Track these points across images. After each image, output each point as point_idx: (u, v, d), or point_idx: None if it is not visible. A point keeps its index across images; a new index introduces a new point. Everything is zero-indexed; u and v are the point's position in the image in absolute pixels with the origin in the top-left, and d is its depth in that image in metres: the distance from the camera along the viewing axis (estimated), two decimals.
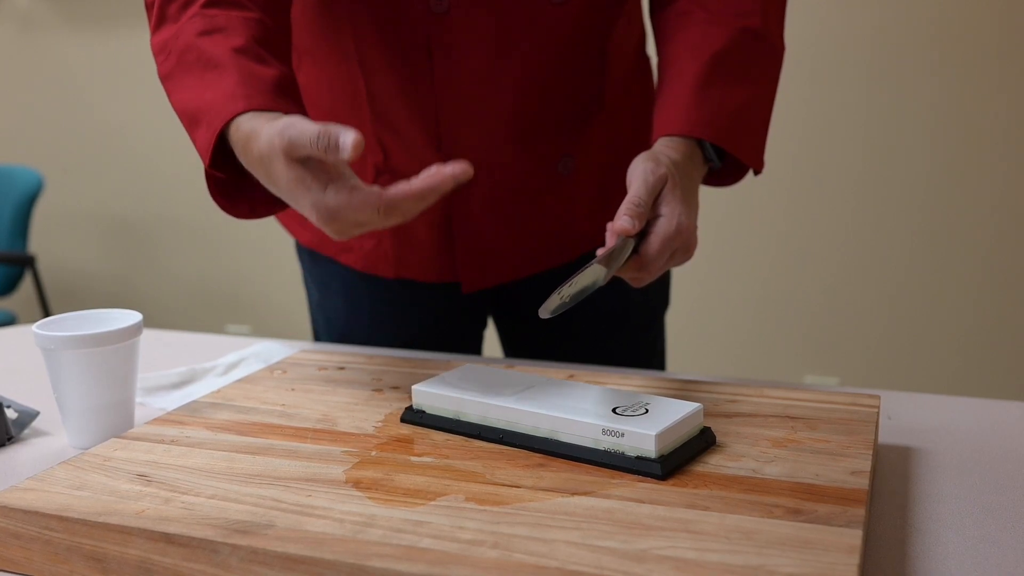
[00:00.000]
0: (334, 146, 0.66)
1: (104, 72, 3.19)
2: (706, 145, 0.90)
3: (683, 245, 0.83)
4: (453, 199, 1.01)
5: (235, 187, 0.83)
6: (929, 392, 0.92)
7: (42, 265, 3.06)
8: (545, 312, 0.73)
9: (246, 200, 0.84)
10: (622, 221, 0.78)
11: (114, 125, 3.23)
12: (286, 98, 0.79)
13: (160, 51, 0.84)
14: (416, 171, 1.03)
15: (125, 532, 0.58)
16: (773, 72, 0.95)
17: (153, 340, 1.10)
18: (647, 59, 1.10)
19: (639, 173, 0.82)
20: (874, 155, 2.53)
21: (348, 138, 0.65)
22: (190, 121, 0.80)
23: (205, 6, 0.83)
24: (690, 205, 0.84)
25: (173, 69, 0.82)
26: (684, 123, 0.89)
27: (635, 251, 0.80)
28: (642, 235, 0.80)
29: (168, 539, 0.57)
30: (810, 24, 2.48)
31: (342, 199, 0.70)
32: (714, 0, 0.93)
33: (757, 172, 0.95)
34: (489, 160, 1.00)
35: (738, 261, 2.68)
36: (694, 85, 0.89)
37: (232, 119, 0.75)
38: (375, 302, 1.10)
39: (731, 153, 0.91)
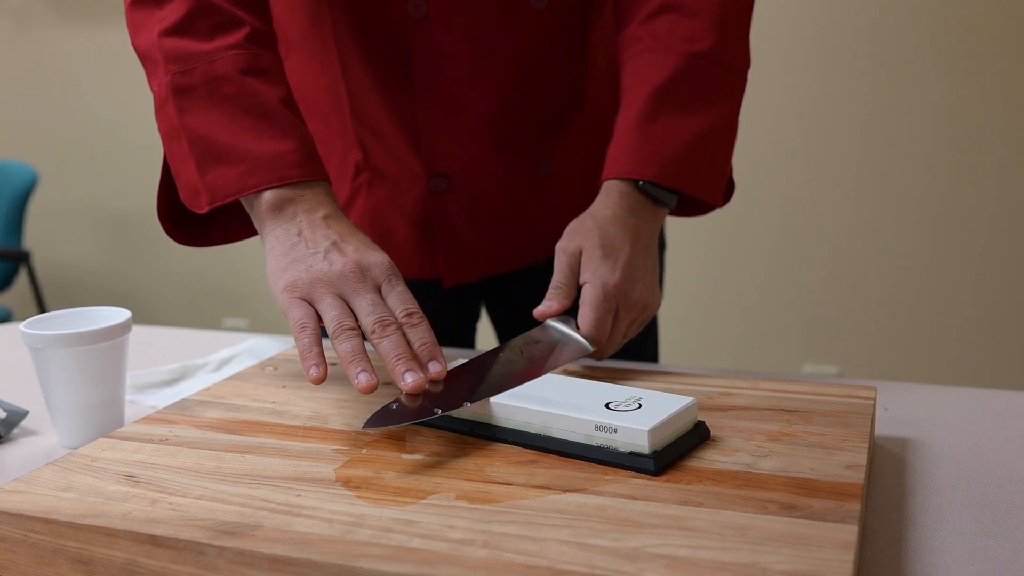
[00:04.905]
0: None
1: (99, 67, 3.18)
2: (653, 186, 0.86)
3: (625, 302, 0.83)
4: (431, 200, 1.00)
5: (191, 218, 0.87)
6: (929, 380, 0.92)
7: (37, 261, 3.05)
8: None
9: (188, 232, 0.88)
10: (540, 307, 0.83)
11: (109, 120, 3.22)
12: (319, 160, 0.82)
13: (174, 58, 0.81)
14: (396, 171, 1.03)
15: (111, 534, 0.57)
16: (731, 95, 0.90)
17: (145, 336, 1.10)
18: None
19: (556, 259, 0.85)
20: (873, 144, 2.52)
21: (362, 380, 0.69)
22: (211, 154, 0.79)
23: (249, 40, 0.82)
24: (618, 258, 0.83)
25: (197, 88, 0.80)
26: (624, 165, 0.86)
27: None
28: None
29: (155, 541, 0.56)
30: (807, 16, 2.47)
31: (373, 296, 0.73)
32: (662, 24, 0.89)
33: (719, 205, 0.91)
34: (468, 162, 0.99)
35: (737, 250, 2.67)
36: (636, 122, 0.86)
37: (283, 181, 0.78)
38: None
39: (682, 192, 0.87)
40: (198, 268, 3.26)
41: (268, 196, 0.78)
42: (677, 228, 1.01)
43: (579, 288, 0.85)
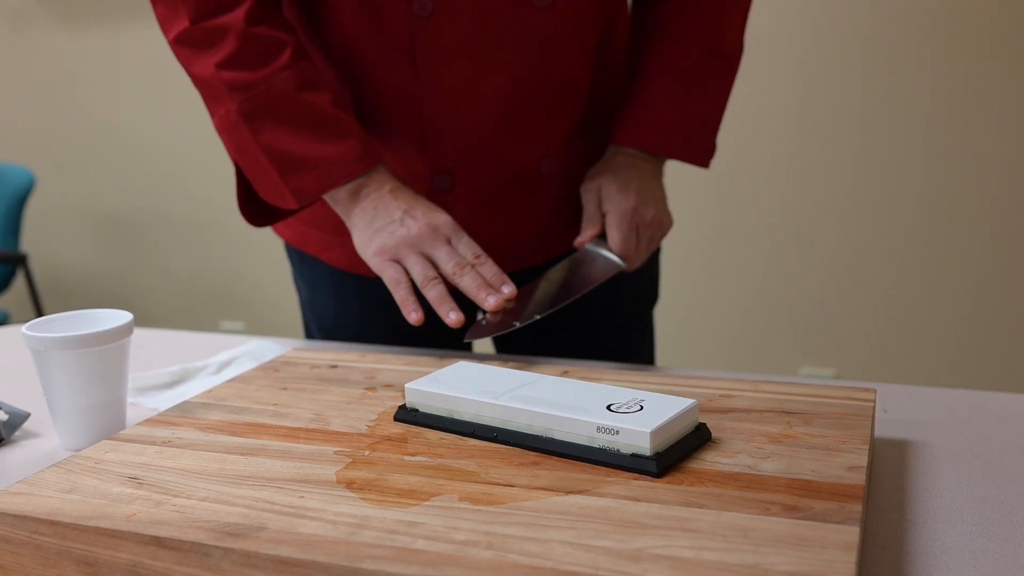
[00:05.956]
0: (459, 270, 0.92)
1: (96, 69, 3.18)
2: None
3: (643, 222, 0.99)
4: (435, 198, 1.01)
5: (270, 209, 1.02)
6: (926, 382, 0.92)
7: (35, 263, 3.04)
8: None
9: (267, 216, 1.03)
10: (579, 237, 1.00)
11: (106, 122, 3.22)
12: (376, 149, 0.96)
13: (237, 87, 0.92)
14: (401, 171, 1.06)
15: (116, 536, 0.57)
16: (728, 83, 1.06)
17: (145, 339, 1.10)
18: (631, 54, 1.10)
19: (583, 198, 1.02)
20: (870, 146, 2.53)
21: (452, 317, 0.91)
22: (289, 165, 0.93)
23: (293, 57, 0.93)
24: (630, 189, 0.99)
25: (262, 111, 0.92)
26: (632, 137, 1.03)
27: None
28: None
29: (159, 543, 0.56)
30: (805, 18, 2.47)
31: (449, 249, 0.92)
32: (687, 16, 1.02)
33: (706, 167, 1.09)
34: (471, 161, 1.00)
35: (734, 252, 2.68)
36: (651, 101, 1.02)
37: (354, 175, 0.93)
38: (364, 299, 1.09)
39: (679, 160, 1.05)
40: (195, 270, 3.26)
41: (345, 187, 0.94)
42: (674, 230, 1.04)
43: (604, 217, 1.01)
